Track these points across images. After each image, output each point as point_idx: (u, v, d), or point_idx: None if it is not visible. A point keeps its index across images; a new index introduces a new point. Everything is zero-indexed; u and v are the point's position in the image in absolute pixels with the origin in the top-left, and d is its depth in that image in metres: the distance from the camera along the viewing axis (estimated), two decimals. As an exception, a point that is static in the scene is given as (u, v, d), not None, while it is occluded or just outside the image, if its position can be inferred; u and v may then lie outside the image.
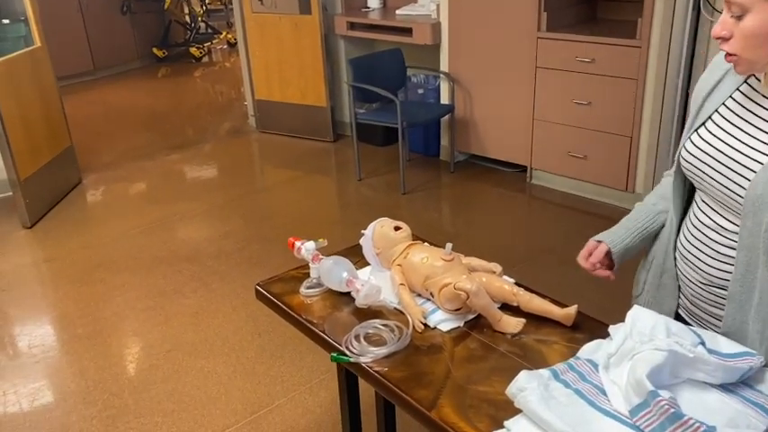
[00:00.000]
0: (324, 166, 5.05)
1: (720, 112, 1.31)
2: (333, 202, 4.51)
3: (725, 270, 1.29)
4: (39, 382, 2.74)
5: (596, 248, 1.52)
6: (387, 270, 1.63)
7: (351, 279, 1.56)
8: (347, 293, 1.59)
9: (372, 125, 4.58)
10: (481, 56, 4.41)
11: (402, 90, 4.77)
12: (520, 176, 4.56)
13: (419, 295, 1.55)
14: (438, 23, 4.57)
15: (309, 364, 2.76)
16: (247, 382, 2.67)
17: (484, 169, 4.75)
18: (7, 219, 4.17)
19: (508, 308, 1.49)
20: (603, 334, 1.34)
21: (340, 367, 1.82)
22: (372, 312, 1.54)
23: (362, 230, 1.69)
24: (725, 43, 1.19)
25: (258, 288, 1.70)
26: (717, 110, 1.32)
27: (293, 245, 1.71)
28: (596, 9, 4.38)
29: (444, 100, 4.75)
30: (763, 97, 1.24)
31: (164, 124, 6.25)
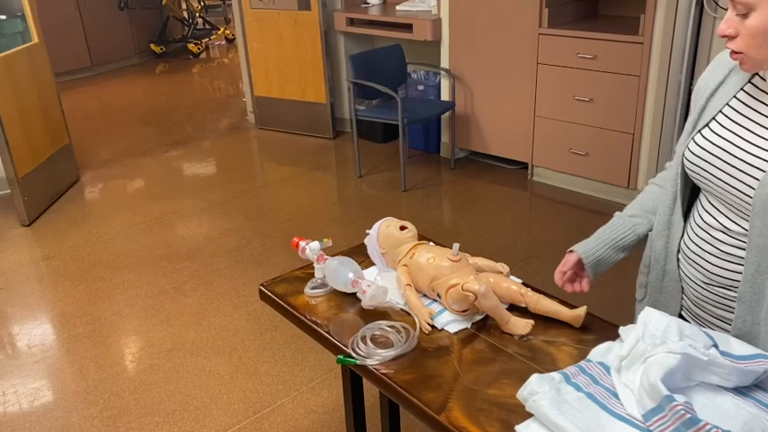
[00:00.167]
0: (324, 163, 5.02)
1: (725, 112, 1.29)
2: (333, 199, 4.49)
3: (731, 270, 1.28)
4: (39, 381, 2.72)
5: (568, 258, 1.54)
6: (392, 270, 1.61)
7: (356, 279, 1.54)
8: (352, 294, 1.57)
9: (372, 122, 4.57)
10: (482, 52, 4.39)
11: (402, 87, 4.75)
12: (521, 173, 4.55)
13: (425, 296, 1.54)
14: (438, 19, 4.54)
15: (312, 363, 2.74)
16: (249, 381, 2.66)
17: (485, 166, 4.73)
18: (5, 216, 4.15)
19: (515, 308, 1.48)
20: (613, 335, 1.33)
21: (345, 368, 1.80)
22: (378, 313, 1.52)
23: (367, 230, 1.67)
24: (730, 41, 1.19)
25: (262, 288, 1.68)
26: (721, 110, 1.30)
27: (297, 245, 1.69)
28: (598, 5, 4.36)
29: (445, 96, 4.73)
30: (769, 96, 1.23)
31: (162, 121, 6.22)
